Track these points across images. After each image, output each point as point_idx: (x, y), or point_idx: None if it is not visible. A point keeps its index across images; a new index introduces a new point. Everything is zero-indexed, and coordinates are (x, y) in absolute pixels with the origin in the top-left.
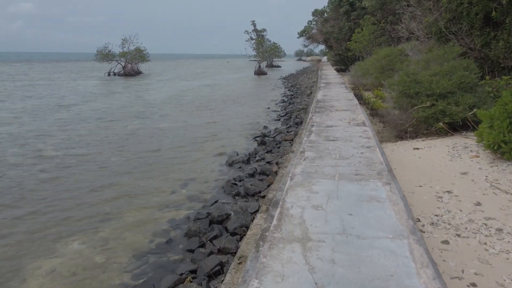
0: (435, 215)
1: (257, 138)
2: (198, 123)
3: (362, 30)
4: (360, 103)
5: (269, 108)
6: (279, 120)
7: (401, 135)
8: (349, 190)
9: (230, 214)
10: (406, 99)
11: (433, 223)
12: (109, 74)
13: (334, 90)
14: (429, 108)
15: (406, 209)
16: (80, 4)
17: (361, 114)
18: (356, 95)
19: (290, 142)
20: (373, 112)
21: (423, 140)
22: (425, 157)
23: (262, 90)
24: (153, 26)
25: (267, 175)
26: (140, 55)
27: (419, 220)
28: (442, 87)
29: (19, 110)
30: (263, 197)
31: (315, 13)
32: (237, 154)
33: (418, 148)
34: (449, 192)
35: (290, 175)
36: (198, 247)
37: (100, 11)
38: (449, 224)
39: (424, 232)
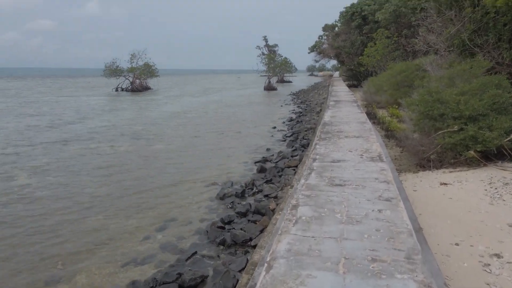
0: None
1: (257, 164)
2: (195, 144)
3: (375, 44)
4: (373, 123)
5: (275, 127)
6: (284, 141)
7: (423, 163)
8: None
9: (207, 277)
10: (428, 122)
11: None
12: (116, 90)
13: (345, 110)
14: (457, 133)
15: None
16: (96, 21)
17: (376, 143)
18: (369, 114)
19: (294, 169)
20: (389, 133)
21: (450, 172)
22: (457, 198)
23: (270, 107)
24: (167, 41)
25: (263, 215)
26: (148, 71)
27: None
28: (472, 108)
29: (10, 130)
30: (254, 246)
31: (326, 28)
32: (232, 185)
33: (446, 184)
34: (498, 256)
35: (267, 259)
36: None
37: (115, 27)
38: None
39: None
